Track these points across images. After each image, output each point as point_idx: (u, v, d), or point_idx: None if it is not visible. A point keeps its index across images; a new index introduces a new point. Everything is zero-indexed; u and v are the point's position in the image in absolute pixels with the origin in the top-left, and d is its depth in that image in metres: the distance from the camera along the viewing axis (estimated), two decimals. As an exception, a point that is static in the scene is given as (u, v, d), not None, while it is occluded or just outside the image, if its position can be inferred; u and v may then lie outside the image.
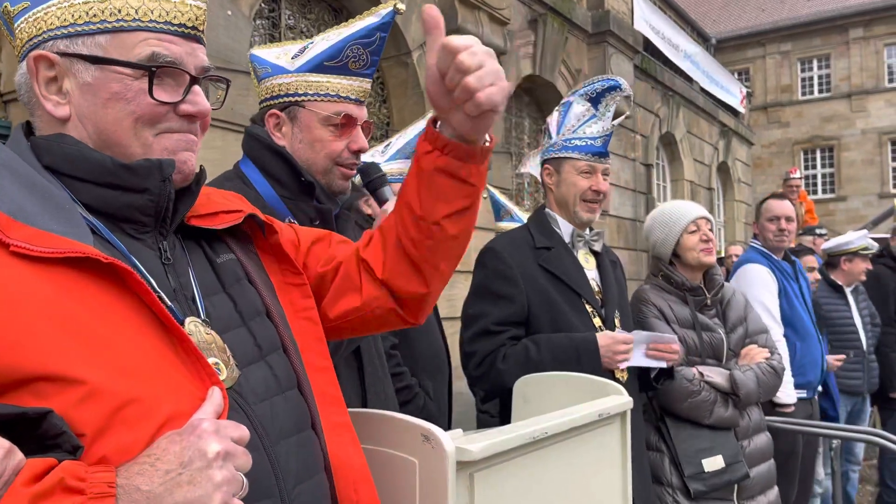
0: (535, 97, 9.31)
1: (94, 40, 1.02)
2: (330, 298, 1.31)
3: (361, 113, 1.77)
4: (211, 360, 0.99)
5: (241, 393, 1.02)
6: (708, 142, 14.67)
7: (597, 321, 2.40)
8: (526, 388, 1.98)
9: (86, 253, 0.90)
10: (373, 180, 1.86)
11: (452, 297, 5.69)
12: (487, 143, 1.18)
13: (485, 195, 5.69)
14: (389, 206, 1.78)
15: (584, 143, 2.49)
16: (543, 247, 2.44)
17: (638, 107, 11.54)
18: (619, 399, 1.77)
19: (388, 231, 1.28)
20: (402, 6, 1.75)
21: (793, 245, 4.36)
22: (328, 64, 1.72)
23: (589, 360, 2.21)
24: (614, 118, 2.53)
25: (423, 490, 1.22)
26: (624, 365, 2.32)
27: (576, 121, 2.50)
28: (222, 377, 0.98)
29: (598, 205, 2.50)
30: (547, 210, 2.59)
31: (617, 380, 2.32)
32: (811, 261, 5.09)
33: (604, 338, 2.28)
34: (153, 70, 1.03)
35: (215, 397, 0.93)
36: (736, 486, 2.72)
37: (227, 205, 1.20)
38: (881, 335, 5.30)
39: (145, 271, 1.00)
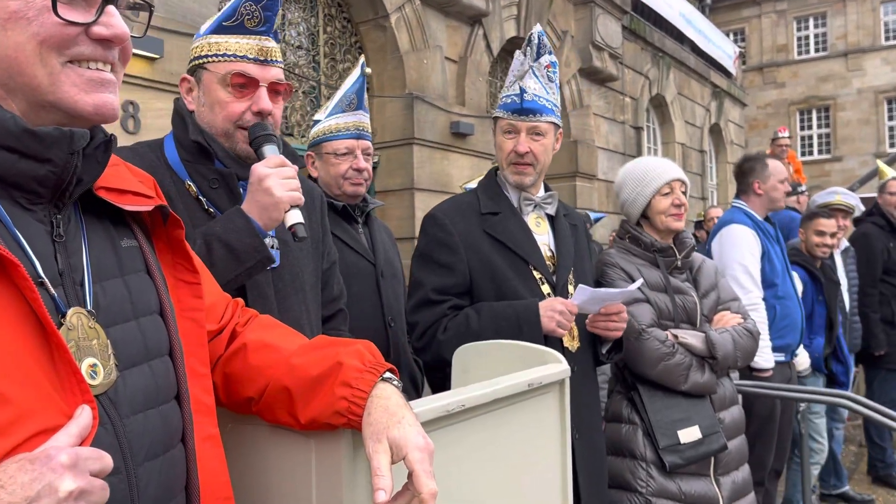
0: (520, 60, 9.16)
1: None
2: None
3: (266, 73, 1.70)
4: (89, 361, 0.89)
5: (115, 402, 0.91)
6: (699, 103, 14.51)
7: (546, 288, 2.28)
8: (465, 357, 1.90)
9: None
10: (256, 138, 1.70)
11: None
12: None
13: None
14: (269, 161, 1.64)
15: (509, 101, 2.34)
16: (489, 212, 2.31)
17: (627, 68, 11.38)
18: (555, 367, 1.70)
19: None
20: None
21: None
22: (226, 24, 1.69)
23: (530, 329, 2.10)
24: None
25: (319, 468, 1.16)
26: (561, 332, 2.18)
27: (512, 76, 2.36)
28: (96, 382, 0.89)
29: (528, 167, 2.32)
30: (499, 172, 2.44)
31: (566, 349, 2.24)
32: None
33: (545, 304, 2.16)
34: None
35: (83, 418, 0.83)
36: (713, 461, 2.60)
37: (138, 186, 1.07)
38: (863, 296, 5.27)
39: (32, 254, 0.89)
